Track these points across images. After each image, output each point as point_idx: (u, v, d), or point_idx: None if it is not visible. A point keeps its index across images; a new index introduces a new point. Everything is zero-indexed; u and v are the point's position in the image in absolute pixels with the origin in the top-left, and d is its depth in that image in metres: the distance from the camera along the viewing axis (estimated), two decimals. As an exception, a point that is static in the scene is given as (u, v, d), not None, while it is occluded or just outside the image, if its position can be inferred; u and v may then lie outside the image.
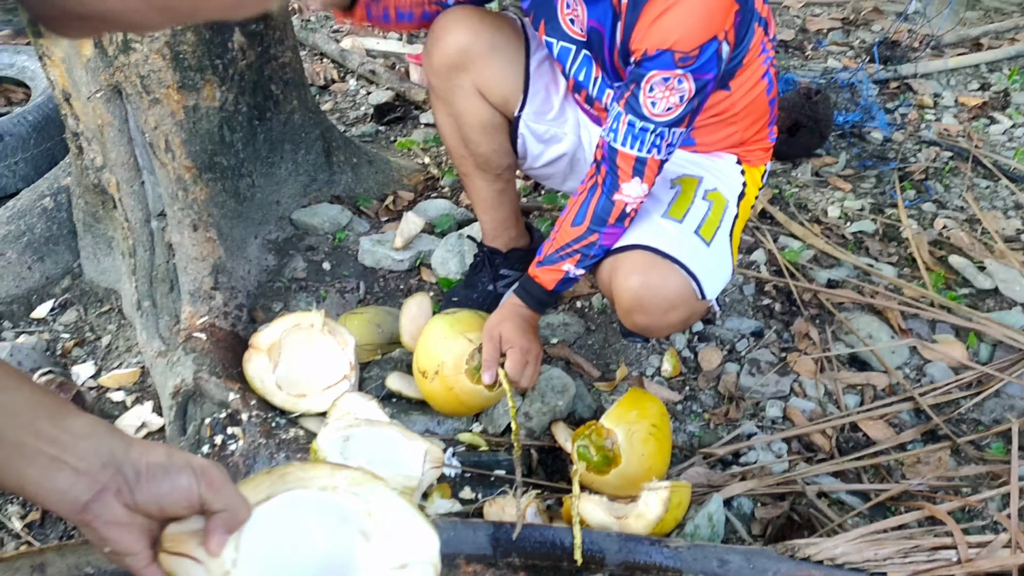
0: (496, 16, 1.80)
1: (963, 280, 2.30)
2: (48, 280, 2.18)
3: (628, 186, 1.55)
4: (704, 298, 1.60)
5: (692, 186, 1.70)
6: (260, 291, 2.09)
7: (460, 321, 1.75)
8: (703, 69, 1.43)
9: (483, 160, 1.89)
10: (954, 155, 2.89)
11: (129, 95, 1.90)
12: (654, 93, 1.45)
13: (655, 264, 1.56)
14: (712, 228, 1.64)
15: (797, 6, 4.08)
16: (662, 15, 1.41)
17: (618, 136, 1.52)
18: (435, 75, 1.80)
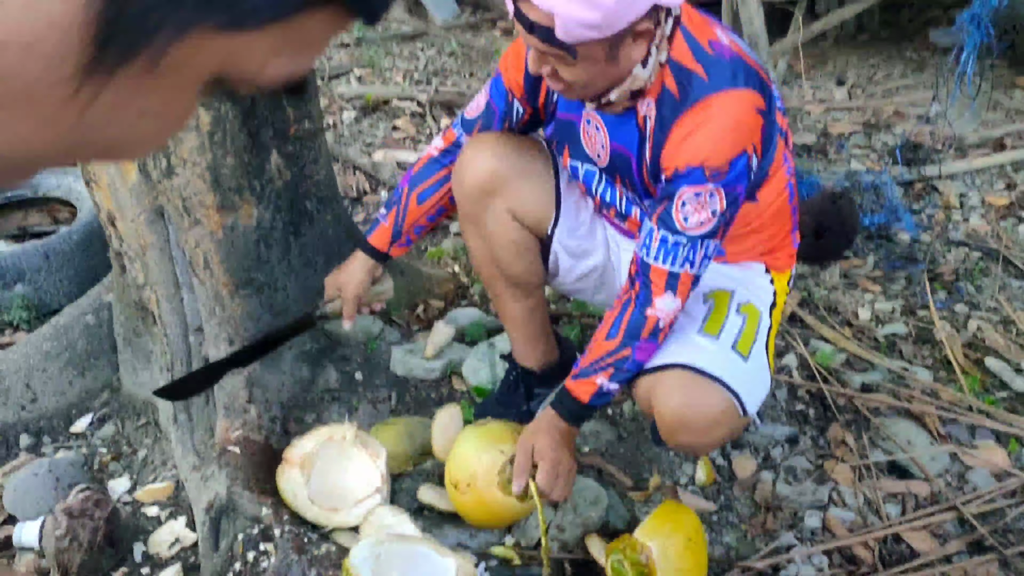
0: (522, 138, 1.85)
1: (1000, 383, 2.27)
2: (88, 394, 2.23)
3: (661, 301, 1.56)
4: (745, 414, 1.60)
5: (725, 300, 1.71)
6: (293, 402, 2.11)
7: (492, 432, 1.75)
8: (734, 183, 1.46)
9: (514, 280, 1.92)
10: (984, 255, 2.88)
11: (171, 216, 1.98)
12: (686, 208, 1.48)
13: (696, 383, 1.56)
14: (748, 342, 1.65)
15: (818, 111, 4.17)
16: (692, 133, 1.45)
17: (651, 251, 1.54)
18: (466, 200, 1.82)
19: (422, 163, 1.89)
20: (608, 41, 1.36)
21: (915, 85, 4.47)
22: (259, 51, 0.44)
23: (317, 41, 0.47)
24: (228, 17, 0.42)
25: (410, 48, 5.15)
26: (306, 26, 0.45)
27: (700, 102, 1.44)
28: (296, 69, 0.47)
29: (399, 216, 1.87)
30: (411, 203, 1.86)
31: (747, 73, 1.45)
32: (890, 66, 4.75)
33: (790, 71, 4.69)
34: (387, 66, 4.81)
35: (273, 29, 0.44)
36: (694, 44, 1.47)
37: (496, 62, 4.76)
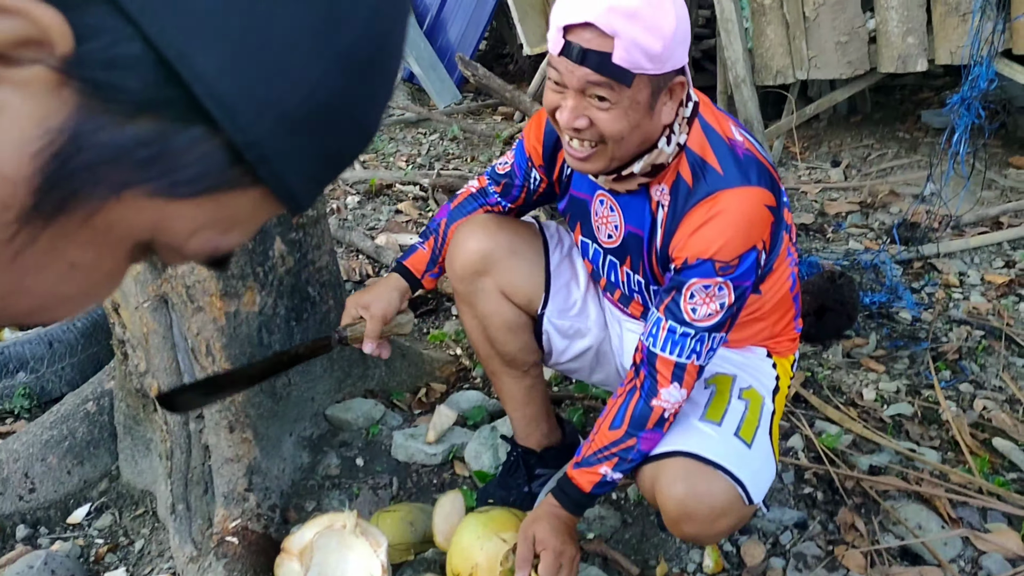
0: (513, 220, 1.89)
1: (1009, 464, 2.23)
2: (86, 484, 2.20)
3: (667, 392, 1.56)
4: (751, 503, 1.57)
5: (727, 385, 1.71)
6: (293, 490, 2.09)
7: (494, 520, 1.73)
8: (742, 277, 1.48)
9: (510, 359, 1.92)
10: (986, 334, 2.88)
11: (175, 304, 1.99)
12: (695, 300, 1.49)
13: (699, 471, 1.55)
14: (752, 428, 1.63)
15: (815, 191, 4.22)
16: (704, 225, 1.46)
17: (657, 341, 1.54)
18: (459, 280, 1.85)
19: (462, 198, 1.91)
20: (653, 84, 1.36)
21: (909, 165, 4.54)
22: (188, 221, 0.46)
23: (245, 221, 0.49)
24: (162, 184, 0.43)
25: (413, 133, 5.26)
26: (236, 204, 0.47)
27: (713, 195, 1.46)
28: (221, 245, 0.49)
29: (437, 245, 1.87)
30: (449, 236, 1.87)
31: (760, 171, 1.48)
32: (884, 147, 4.84)
33: (785, 152, 4.78)
34: (391, 151, 4.91)
35: (204, 202, 0.45)
36: (712, 135, 1.50)
37: (497, 147, 4.85)
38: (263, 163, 0.45)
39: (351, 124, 0.48)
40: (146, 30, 0.39)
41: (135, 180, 0.43)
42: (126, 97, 0.40)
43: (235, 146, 0.44)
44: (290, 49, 0.43)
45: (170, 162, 0.43)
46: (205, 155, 0.44)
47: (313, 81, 0.44)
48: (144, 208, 0.44)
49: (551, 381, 2.61)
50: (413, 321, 1.86)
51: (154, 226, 0.46)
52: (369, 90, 0.48)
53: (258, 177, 0.46)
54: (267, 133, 0.44)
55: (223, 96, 0.42)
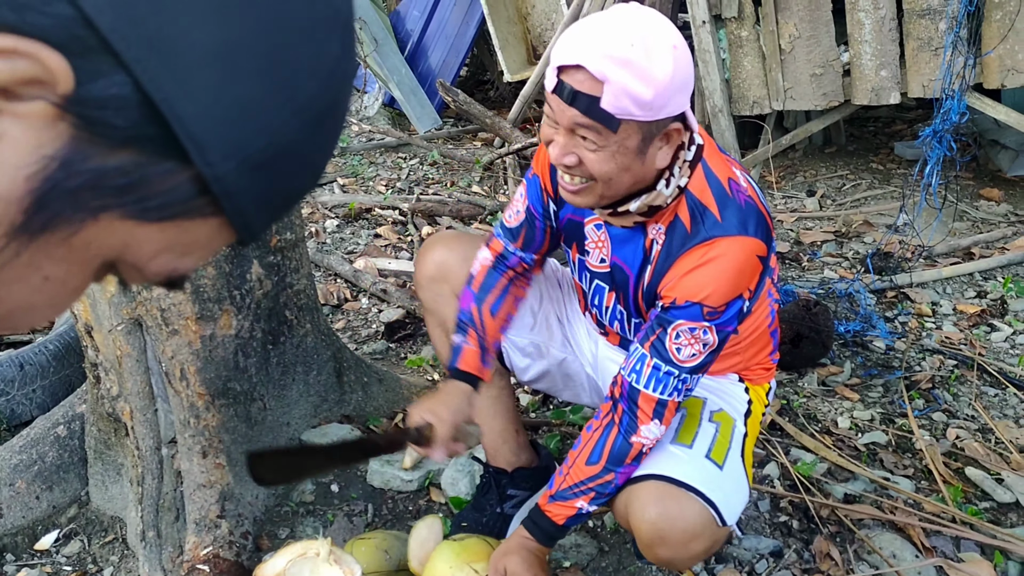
0: (473, 236, 1.98)
1: (982, 493, 2.25)
2: (55, 509, 2.16)
3: (647, 428, 1.57)
4: (724, 524, 1.57)
5: (697, 408, 1.72)
6: (267, 516, 2.06)
7: (467, 549, 1.71)
8: (726, 323, 1.51)
9: None
10: (959, 363, 2.91)
11: (149, 327, 1.97)
12: (680, 340, 1.51)
13: (671, 494, 1.55)
14: (723, 450, 1.64)
15: (790, 220, 4.27)
16: (697, 269, 1.48)
17: (641, 378, 1.55)
18: (421, 289, 1.95)
19: (480, 277, 1.86)
20: (643, 130, 1.36)
21: (883, 195, 4.61)
22: (152, 244, 0.52)
23: (202, 246, 0.55)
24: (135, 208, 0.49)
25: (393, 158, 5.27)
26: (196, 230, 0.53)
27: (710, 241, 1.48)
28: (179, 267, 0.55)
29: (479, 334, 1.82)
30: (486, 319, 1.83)
31: (758, 221, 1.49)
32: (858, 177, 4.91)
33: (762, 181, 4.83)
34: (370, 175, 4.91)
35: (168, 227, 0.52)
36: (714, 181, 1.51)
37: (476, 173, 4.87)
38: (227, 196, 0.51)
39: (304, 166, 0.55)
40: (139, 77, 0.45)
41: (113, 204, 0.48)
42: (113, 132, 0.46)
43: (203, 179, 0.50)
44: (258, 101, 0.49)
45: (145, 190, 0.49)
46: (176, 186, 0.50)
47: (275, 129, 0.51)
48: (117, 230, 0.50)
49: (527, 408, 2.60)
50: (480, 433, 1.83)
51: (123, 246, 0.51)
52: (322, 139, 0.55)
53: (220, 208, 0.52)
54: (232, 170, 0.50)
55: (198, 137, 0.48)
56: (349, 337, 3.13)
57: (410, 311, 3.24)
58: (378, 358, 2.94)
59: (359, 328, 3.22)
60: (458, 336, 1.83)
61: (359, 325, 3.25)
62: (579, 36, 1.32)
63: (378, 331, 3.17)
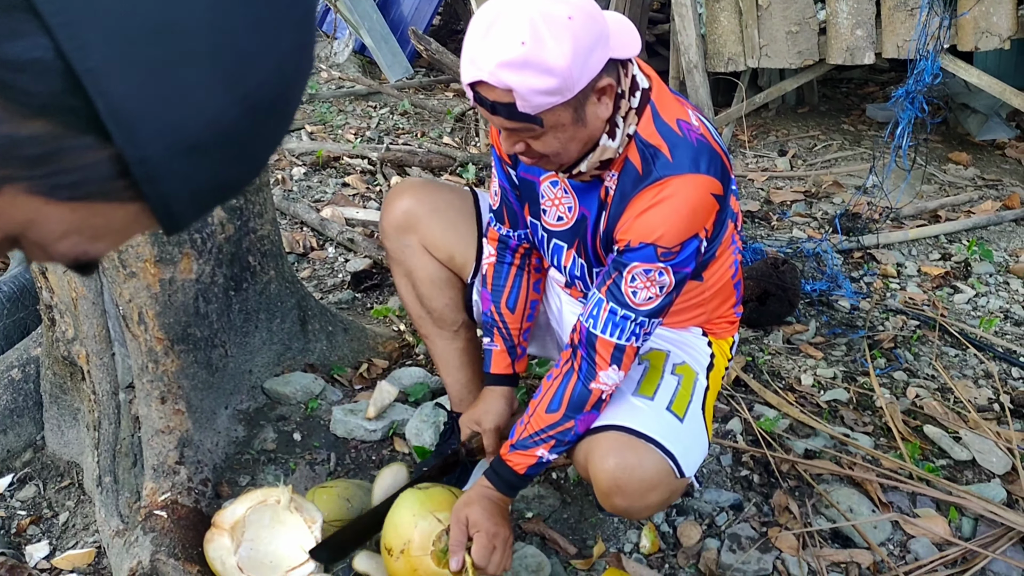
0: (442, 185, 1.96)
1: (939, 451, 2.29)
2: (9, 454, 2.12)
3: (605, 374, 1.56)
4: (683, 476, 1.58)
5: (660, 361, 1.71)
6: (227, 464, 2.04)
7: (431, 498, 1.70)
8: (683, 264, 1.49)
9: (438, 316, 1.95)
10: (921, 324, 2.94)
11: (106, 269, 1.92)
12: (635, 283, 1.50)
13: (630, 445, 1.55)
14: (684, 403, 1.64)
15: (761, 179, 4.27)
16: (648, 210, 1.46)
17: (598, 323, 1.54)
18: (387, 238, 1.93)
19: (490, 276, 1.87)
20: (571, 104, 1.37)
21: (853, 157, 4.62)
22: (60, 224, 0.49)
23: (116, 232, 0.52)
24: (45, 184, 0.46)
25: (363, 106, 5.18)
26: (111, 215, 0.50)
27: (661, 181, 1.46)
28: (88, 251, 0.52)
29: (504, 333, 1.86)
30: (505, 316, 1.85)
31: (711, 159, 1.47)
32: (829, 138, 4.91)
33: (734, 140, 4.82)
34: (339, 123, 4.82)
35: (80, 208, 0.48)
36: (661, 123, 1.49)
37: (448, 124, 4.80)
38: (149, 181, 0.47)
39: (243, 158, 0.51)
40: (62, 44, 0.42)
41: (19, 176, 0.45)
42: (29, 100, 0.43)
43: (124, 161, 0.46)
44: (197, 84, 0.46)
45: (56, 165, 0.45)
46: (91, 164, 0.46)
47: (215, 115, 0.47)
48: (21, 204, 0.47)
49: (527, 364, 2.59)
50: None
51: (27, 223, 0.48)
52: (266, 130, 0.51)
53: (140, 193, 0.48)
54: (158, 154, 0.46)
55: (122, 114, 0.44)
56: (315, 286, 3.09)
57: (377, 261, 3.20)
58: (344, 308, 2.90)
59: (325, 277, 3.18)
60: (486, 339, 1.89)
61: (325, 274, 3.20)
62: (474, 47, 1.34)
63: (344, 281, 3.12)
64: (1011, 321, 3.02)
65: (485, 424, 1.85)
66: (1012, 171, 4.43)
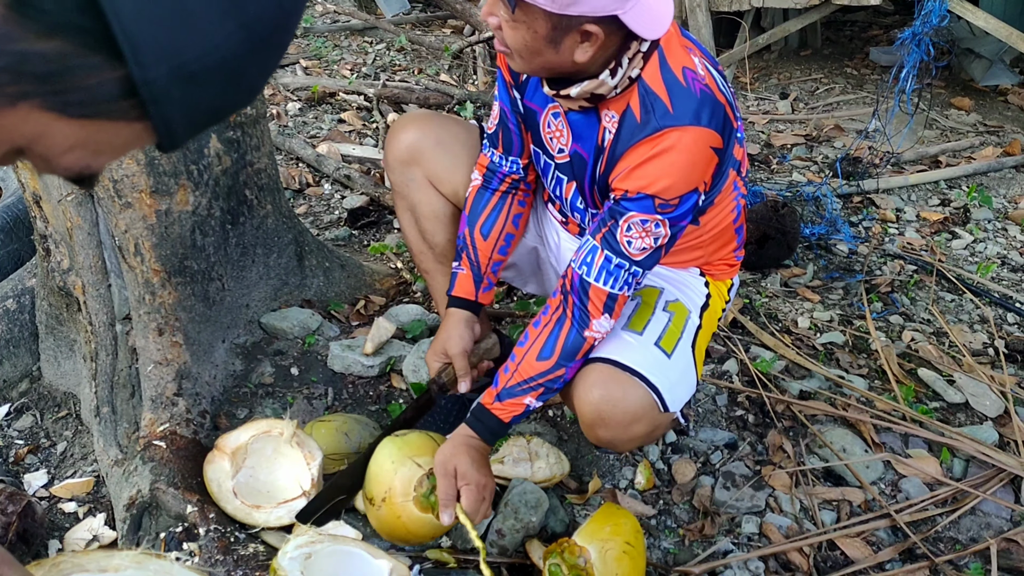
0: (448, 118, 1.91)
1: (933, 393, 2.31)
2: (5, 383, 2.12)
3: (598, 323, 1.55)
4: (667, 410, 1.59)
5: (653, 297, 1.71)
6: (225, 397, 2.04)
7: (409, 444, 1.68)
8: (680, 217, 1.47)
9: (440, 252, 1.93)
10: (918, 268, 2.94)
11: (101, 199, 1.89)
12: (631, 232, 1.48)
13: (615, 377, 1.55)
14: (673, 340, 1.64)
15: (762, 122, 4.22)
16: (648, 162, 1.43)
17: (592, 271, 1.52)
18: (391, 171, 1.91)
19: (471, 199, 1.83)
20: (552, 20, 1.32)
21: (855, 101, 4.57)
22: (67, 138, 0.52)
23: (118, 148, 0.55)
24: (56, 100, 0.49)
25: (359, 42, 5.08)
26: (115, 132, 0.53)
27: (660, 132, 1.42)
28: (91, 165, 0.55)
29: (472, 258, 1.82)
30: (477, 241, 1.81)
31: (713, 110, 1.43)
32: (832, 81, 4.85)
33: (736, 82, 4.76)
34: (335, 59, 4.73)
35: (87, 124, 0.51)
36: (666, 70, 1.45)
37: (445, 61, 4.71)
38: (154, 103, 0.50)
39: (240, 83, 0.55)
40: None
41: (32, 93, 0.48)
42: (44, 17, 0.45)
43: (131, 81, 0.49)
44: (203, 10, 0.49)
45: (68, 83, 0.48)
46: (101, 83, 0.49)
47: (217, 42, 0.50)
48: (33, 119, 0.50)
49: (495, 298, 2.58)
50: (497, 344, 1.86)
51: (36, 136, 0.51)
52: (263, 59, 0.55)
53: (144, 113, 0.51)
54: (164, 76, 0.49)
55: (134, 36, 0.47)
56: (311, 222, 3.06)
57: (374, 198, 3.17)
58: (340, 244, 2.88)
59: (321, 214, 3.15)
60: (455, 262, 1.85)
61: (321, 211, 3.17)
62: None
63: (341, 217, 3.10)
64: (1008, 267, 3.03)
65: (452, 349, 1.77)
66: (1014, 118, 4.40)
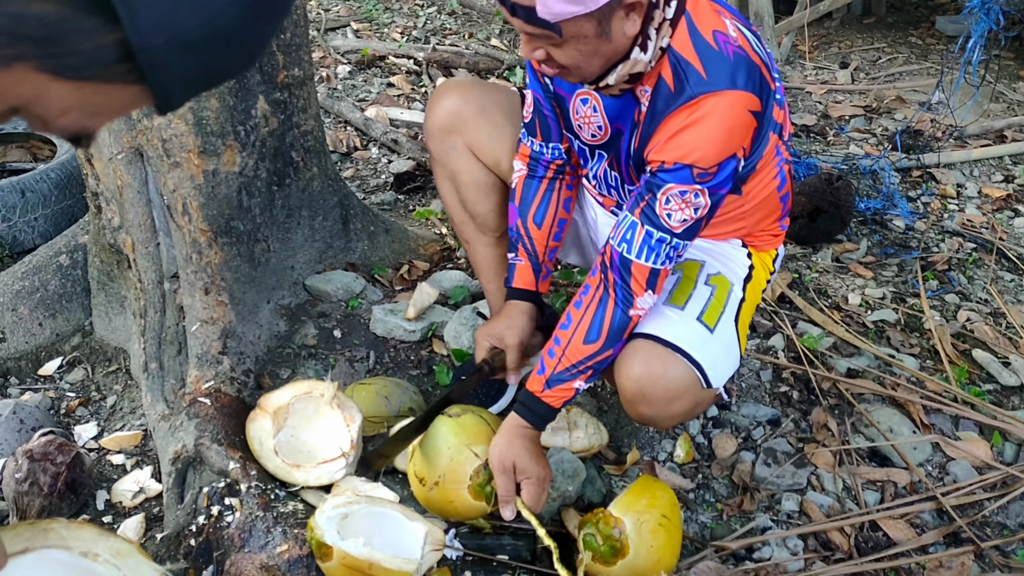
0: (490, 85, 1.87)
1: (987, 375, 2.24)
2: (58, 337, 2.17)
3: (642, 300, 1.52)
4: (709, 387, 1.56)
5: (694, 271, 1.67)
6: (269, 357, 2.06)
7: (465, 429, 1.65)
8: (720, 185, 1.43)
9: (482, 221, 1.91)
10: (977, 247, 2.85)
11: (150, 157, 1.91)
12: (670, 205, 1.44)
13: (657, 354, 1.53)
14: (715, 314, 1.61)
15: (820, 92, 4.11)
16: (683, 130, 1.40)
17: (632, 247, 1.49)
18: (431, 139, 1.88)
19: (519, 190, 1.81)
20: (595, 16, 1.29)
21: (919, 72, 4.42)
22: (64, 100, 0.52)
23: (114, 110, 0.56)
24: (52, 63, 0.50)
25: (410, 5, 5.05)
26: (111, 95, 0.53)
27: (695, 100, 1.39)
28: (87, 125, 0.56)
29: (528, 249, 1.81)
30: (532, 231, 1.80)
31: (748, 73, 1.39)
32: (895, 51, 4.70)
33: (794, 51, 4.63)
34: (385, 21, 4.72)
35: (84, 87, 0.52)
36: (696, 36, 1.40)
37: (496, 25, 4.67)
38: (151, 68, 0.51)
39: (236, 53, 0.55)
40: None
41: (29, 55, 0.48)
42: None
43: (128, 46, 0.49)
44: None
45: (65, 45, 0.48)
46: (98, 47, 0.49)
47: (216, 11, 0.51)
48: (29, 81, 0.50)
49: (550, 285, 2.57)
50: (542, 339, 1.82)
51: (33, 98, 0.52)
52: (260, 30, 0.55)
53: (140, 77, 0.52)
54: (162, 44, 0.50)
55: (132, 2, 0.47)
56: (357, 186, 3.07)
57: (421, 163, 3.17)
58: (386, 209, 2.89)
59: (368, 177, 3.16)
60: (511, 254, 1.83)
61: (368, 174, 3.18)
62: None
63: (387, 182, 3.10)
64: (1073, 248, 2.92)
65: (508, 340, 1.79)
66: (1087, 92, 4.21)
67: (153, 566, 0.95)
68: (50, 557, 0.89)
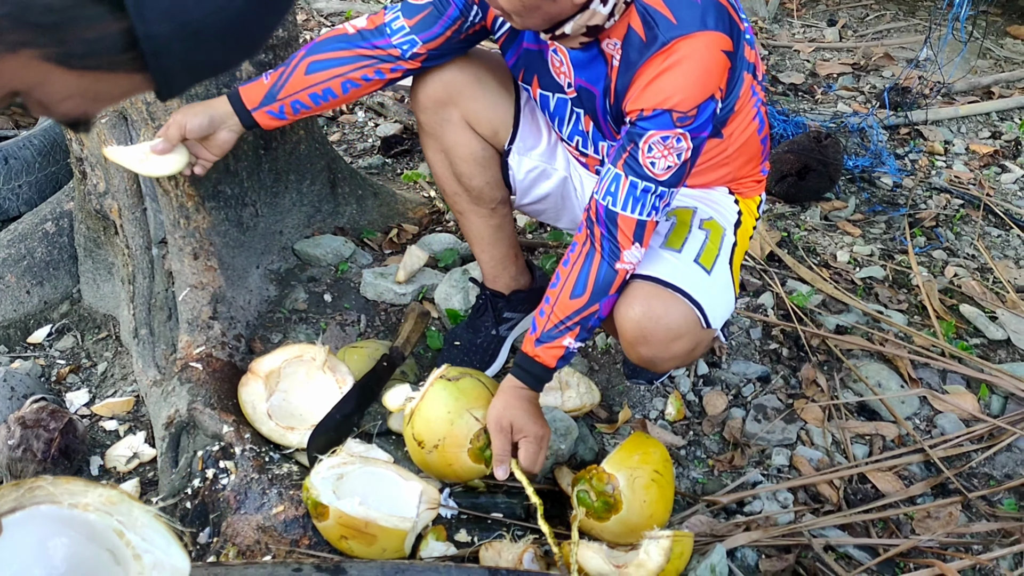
0: (482, 51, 1.80)
1: (974, 330, 2.26)
2: (47, 305, 2.16)
3: (629, 253, 1.52)
4: (709, 326, 1.57)
5: (688, 216, 1.68)
6: (260, 321, 2.06)
7: (466, 394, 1.65)
8: (700, 128, 1.43)
9: (477, 194, 1.87)
10: (965, 203, 2.86)
11: (134, 121, 1.89)
12: (653, 153, 1.44)
13: (657, 294, 1.53)
14: (711, 256, 1.62)
15: (807, 51, 4.09)
16: (659, 76, 1.40)
17: (618, 199, 1.48)
18: (423, 111, 1.79)
19: (329, 34, 1.70)
20: None
21: (906, 28, 4.40)
22: (66, 87, 0.52)
23: (116, 96, 0.56)
24: (56, 51, 0.50)
25: (393, -34, 4.98)
26: (114, 82, 0.53)
27: (668, 46, 1.39)
28: (88, 111, 0.56)
29: (281, 78, 1.68)
30: (299, 70, 1.67)
31: (717, 13, 1.39)
32: (882, 8, 4.67)
33: (781, 8, 4.60)
34: (368, -17, 4.64)
35: (87, 75, 0.52)
36: None
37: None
38: (155, 56, 0.51)
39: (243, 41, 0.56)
40: None
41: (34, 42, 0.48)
42: None
43: (133, 34, 0.49)
44: None
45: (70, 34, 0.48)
46: (103, 36, 0.49)
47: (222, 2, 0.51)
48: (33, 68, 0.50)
49: (524, 228, 2.57)
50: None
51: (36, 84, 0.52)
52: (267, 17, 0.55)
53: (143, 65, 0.52)
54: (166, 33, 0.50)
55: None
56: (344, 150, 3.04)
57: (408, 126, 3.14)
58: (373, 172, 2.87)
59: (355, 142, 3.13)
60: (268, 72, 1.71)
61: (355, 139, 3.15)
62: None
63: (374, 145, 3.08)
64: (1059, 203, 2.93)
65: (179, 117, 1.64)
66: (1074, 47, 4.21)
67: (145, 508, 0.95)
68: (40, 513, 0.90)
